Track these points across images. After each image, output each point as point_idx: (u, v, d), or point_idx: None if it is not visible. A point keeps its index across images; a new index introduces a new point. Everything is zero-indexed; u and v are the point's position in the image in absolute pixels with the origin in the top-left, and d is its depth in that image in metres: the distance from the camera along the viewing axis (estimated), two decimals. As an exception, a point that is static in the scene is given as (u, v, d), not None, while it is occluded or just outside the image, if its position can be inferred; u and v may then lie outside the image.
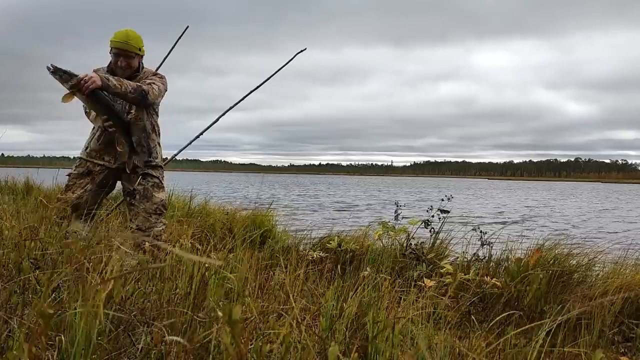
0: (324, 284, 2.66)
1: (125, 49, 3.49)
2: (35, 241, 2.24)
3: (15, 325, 1.49)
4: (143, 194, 3.60)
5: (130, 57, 3.52)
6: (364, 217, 14.42)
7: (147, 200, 3.59)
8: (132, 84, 3.40)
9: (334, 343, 1.29)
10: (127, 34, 3.50)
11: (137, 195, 3.61)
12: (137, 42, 3.54)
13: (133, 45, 3.51)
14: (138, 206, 3.59)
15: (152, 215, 3.58)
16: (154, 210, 3.59)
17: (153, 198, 3.60)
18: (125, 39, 3.49)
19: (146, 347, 1.59)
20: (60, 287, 1.81)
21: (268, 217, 6.64)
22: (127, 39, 3.49)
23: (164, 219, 3.68)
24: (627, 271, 4.33)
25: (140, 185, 3.60)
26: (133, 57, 3.54)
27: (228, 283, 2.11)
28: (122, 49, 3.49)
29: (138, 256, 2.66)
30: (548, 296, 4.02)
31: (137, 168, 3.61)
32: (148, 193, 3.60)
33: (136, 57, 3.56)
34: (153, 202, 3.60)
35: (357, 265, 4.69)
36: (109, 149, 3.62)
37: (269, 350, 1.55)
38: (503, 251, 4.74)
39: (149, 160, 3.66)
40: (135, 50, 3.52)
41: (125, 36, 3.49)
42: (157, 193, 3.63)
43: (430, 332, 2.17)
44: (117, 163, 3.62)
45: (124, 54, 3.50)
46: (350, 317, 2.04)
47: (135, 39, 3.53)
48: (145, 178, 3.62)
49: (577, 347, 2.77)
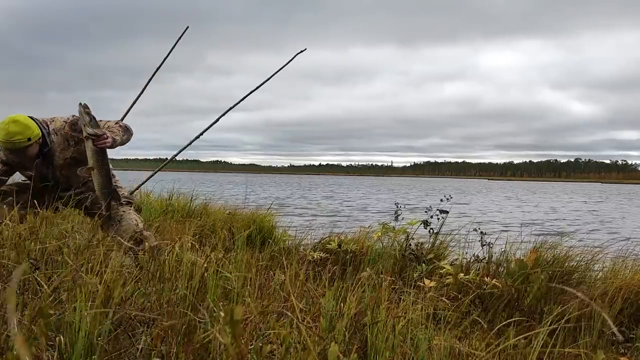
0: (324, 284, 2.66)
1: (13, 148, 3.23)
2: (35, 241, 2.24)
3: (15, 326, 1.50)
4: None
5: (23, 151, 3.26)
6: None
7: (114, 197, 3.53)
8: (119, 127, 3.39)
9: (334, 343, 1.29)
10: (7, 132, 3.17)
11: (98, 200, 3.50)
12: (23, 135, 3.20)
13: (19, 141, 3.20)
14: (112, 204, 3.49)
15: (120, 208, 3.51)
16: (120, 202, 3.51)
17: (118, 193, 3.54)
18: (8, 138, 3.18)
19: (146, 348, 1.59)
20: (60, 288, 1.81)
21: (268, 217, 6.64)
22: (9, 137, 3.18)
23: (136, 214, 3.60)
24: (627, 271, 4.33)
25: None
26: (26, 149, 3.26)
27: (228, 283, 2.11)
28: (11, 149, 3.24)
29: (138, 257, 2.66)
30: (548, 296, 4.02)
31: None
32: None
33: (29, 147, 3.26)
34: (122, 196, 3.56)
35: (357, 265, 4.69)
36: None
37: (269, 351, 1.55)
38: (503, 252, 4.74)
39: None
40: (23, 144, 3.21)
41: (6, 135, 3.17)
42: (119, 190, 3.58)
43: (430, 332, 2.17)
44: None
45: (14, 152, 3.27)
46: (350, 318, 2.04)
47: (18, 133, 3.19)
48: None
49: (577, 348, 2.77)
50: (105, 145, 3.20)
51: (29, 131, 3.24)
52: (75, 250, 2.17)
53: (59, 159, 3.45)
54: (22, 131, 3.20)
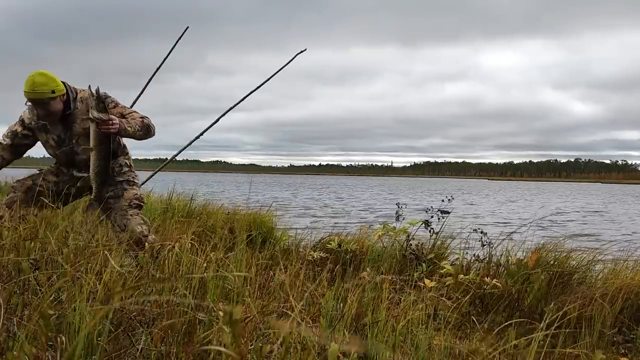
0: (324, 284, 2.66)
1: (34, 98, 3.28)
2: (35, 241, 2.24)
3: (15, 326, 1.49)
4: (114, 196, 3.56)
5: (45, 104, 3.31)
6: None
7: (119, 198, 3.55)
8: (138, 121, 3.37)
9: (334, 343, 1.29)
10: (32, 82, 3.25)
11: (111, 200, 3.56)
12: (47, 86, 3.26)
13: (42, 92, 3.25)
14: (114, 207, 3.55)
15: (127, 211, 3.52)
16: (128, 205, 3.53)
17: (125, 194, 3.56)
18: (32, 88, 3.25)
19: (146, 348, 1.59)
20: (59, 288, 1.81)
21: (268, 217, 6.64)
22: (33, 87, 3.24)
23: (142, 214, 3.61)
24: (627, 272, 4.33)
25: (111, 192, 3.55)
26: (48, 103, 3.31)
27: (228, 283, 2.11)
28: (33, 99, 3.30)
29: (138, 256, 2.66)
30: (548, 297, 4.02)
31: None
32: (120, 194, 3.56)
33: (52, 100, 3.31)
34: (126, 198, 3.55)
35: (357, 265, 4.69)
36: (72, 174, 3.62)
37: (269, 351, 1.55)
38: (503, 252, 4.73)
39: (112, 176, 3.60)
40: (46, 95, 3.27)
41: (31, 85, 3.25)
42: (128, 191, 3.58)
43: (430, 332, 2.17)
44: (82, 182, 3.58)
45: (36, 103, 3.33)
46: (350, 318, 2.04)
47: (42, 84, 3.25)
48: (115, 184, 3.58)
49: (577, 348, 2.77)
50: (109, 131, 3.19)
51: (54, 83, 3.31)
52: (75, 251, 2.17)
53: (79, 127, 3.46)
54: (47, 82, 3.27)
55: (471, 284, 4.00)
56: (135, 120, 3.38)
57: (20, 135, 3.56)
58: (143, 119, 3.44)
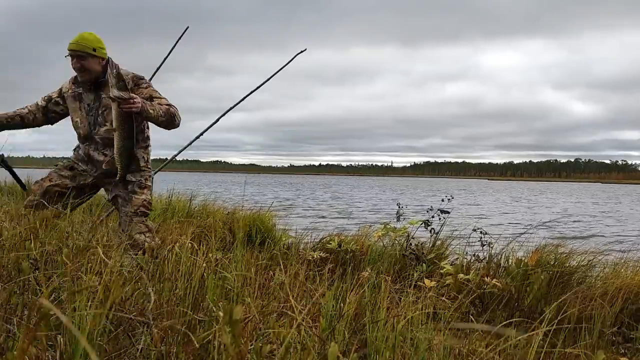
0: (324, 284, 2.66)
1: (76, 49, 3.37)
2: (35, 241, 2.24)
3: (15, 326, 1.49)
4: (124, 198, 3.58)
5: (83, 57, 3.39)
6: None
7: (128, 203, 3.57)
8: (163, 107, 3.37)
9: (334, 343, 1.29)
10: (80, 36, 3.39)
11: (120, 200, 3.60)
12: (91, 42, 3.39)
13: (84, 45, 3.37)
14: (121, 210, 3.60)
15: (133, 219, 3.54)
16: (134, 212, 3.54)
17: (133, 200, 3.56)
18: (77, 40, 3.37)
19: (146, 348, 1.59)
20: (59, 288, 1.81)
21: (268, 217, 6.64)
22: (79, 39, 3.37)
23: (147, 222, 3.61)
24: (627, 272, 4.33)
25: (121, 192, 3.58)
26: (85, 58, 3.40)
27: (227, 283, 2.11)
28: (74, 50, 3.38)
29: (138, 257, 2.66)
30: (548, 297, 4.02)
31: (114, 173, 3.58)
32: (128, 197, 3.57)
33: (91, 57, 3.41)
34: (134, 204, 3.55)
35: (357, 265, 4.69)
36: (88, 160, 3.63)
37: (269, 351, 1.55)
38: (503, 252, 4.73)
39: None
40: (87, 50, 3.37)
41: (77, 37, 3.38)
42: (138, 195, 3.57)
43: (430, 332, 2.17)
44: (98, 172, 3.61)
45: (76, 55, 3.40)
46: (349, 318, 2.04)
47: (87, 39, 3.39)
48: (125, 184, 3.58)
49: (577, 348, 2.77)
50: (131, 110, 3.18)
51: (99, 44, 3.43)
52: (75, 251, 2.17)
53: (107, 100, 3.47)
54: (92, 39, 3.41)
55: (471, 284, 4.00)
56: (160, 106, 3.37)
57: (54, 102, 3.66)
58: (169, 106, 3.43)
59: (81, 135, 3.62)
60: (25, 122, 3.65)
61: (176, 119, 3.48)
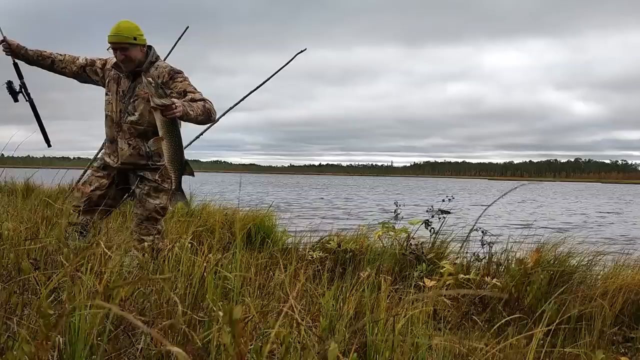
0: (324, 284, 2.66)
1: (117, 42, 3.39)
2: (35, 241, 2.24)
3: (15, 326, 1.49)
4: (138, 199, 3.58)
5: (125, 49, 3.41)
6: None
7: (141, 205, 3.56)
8: (200, 106, 3.32)
9: (334, 343, 1.29)
10: (118, 26, 3.40)
11: (134, 199, 3.61)
12: (130, 32, 3.40)
13: (124, 36, 3.38)
14: (134, 210, 3.61)
15: (143, 222, 3.54)
16: (145, 217, 3.54)
17: (146, 204, 3.55)
18: (116, 32, 3.39)
19: (146, 348, 1.59)
20: (59, 288, 1.81)
21: (268, 217, 6.63)
22: (118, 30, 3.39)
23: (158, 225, 3.60)
24: (627, 271, 4.33)
25: (137, 189, 3.57)
26: (128, 48, 3.41)
27: (227, 283, 2.11)
28: (114, 42, 3.40)
29: (138, 257, 2.66)
30: (549, 296, 4.02)
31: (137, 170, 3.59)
32: (142, 199, 3.56)
33: (132, 47, 3.42)
34: (146, 209, 3.54)
35: (357, 265, 4.69)
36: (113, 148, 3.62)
37: (269, 351, 1.55)
38: (503, 251, 4.73)
39: (146, 164, 3.58)
40: (127, 40, 3.39)
41: (116, 29, 3.40)
42: (153, 199, 3.55)
43: (430, 332, 2.17)
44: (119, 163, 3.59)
45: (118, 47, 3.41)
46: (349, 317, 2.04)
47: (126, 29, 3.40)
48: (142, 182, 3.57)
49: (577, 348, 2.77)
50: (175, 115, 3.14)
51: (138, 32, 3.43)
52: (75, 250, 2.17)
53: (142, 90, 3.45)
54: (130, 29, 3.41)
55: (471, 284, 4.00)
56: (197, 104, 3.33)
57: (94, 70, 3.68)
58: (205, 102, 3.38)
59: (112, 119, 3.60)
60: (55, 67, 3.66)
61: (212, 114, 3.43)
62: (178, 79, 3.48)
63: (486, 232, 5.05)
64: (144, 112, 3.48)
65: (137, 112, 3.51)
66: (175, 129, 3.22)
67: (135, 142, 3.54)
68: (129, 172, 3.62)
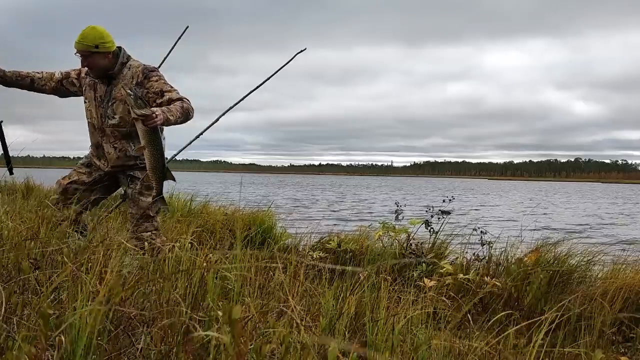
0: (324, 284, 2.66)
1: (79, 49, 3.36)
2: (35, 241, 2.24)
3: (15, 326, 1.50)
4: (131, 199, 3.60)
5: (87, 56, 3.37)
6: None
7: (134, 205, 3.59)
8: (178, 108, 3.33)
9: (334, 342, 1.29)
10: (82, 33, 3.35)
11: (127, 199, 3.64)
12: (93, 39, 3.34)
13: (86, 43, 3.33)
14: (129, 211, 3.63)
15: (139, 221, 3.57)
16: (140, 215, 3.57)
17: (140, 202, 3.57)
18: (79, 38, 3.34)
19: (146, 347, 1.59)
20: (59, 288, 1.81)
21: (269, 216, 6.64)
22: (81, 37, 3.34)
23: (154, 222, 3.63)
24: (627, 271, 4.33)
25: (129, 189, 3.60)
26: (89, 56, 3.36)
27: (227, 283, 2.11)
28: (78, 50, 3.37)
29: (138, 257, 2.66)
30: (548, 296, 4.02)
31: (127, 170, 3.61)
32: (135, 198, 3.59)
33: (94, 54, 3.37)
34: (140, 207, 3.57)
35: (357, 265, 4.69)
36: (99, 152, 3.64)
37: (269, 350, 1.55)
38: (503, 251, 4.73)
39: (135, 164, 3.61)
40: (89, 47, 3.33)
41: (80, 35, 3.35)
42: (145, 197, 3.58)
43: (430, 332, 2.17)
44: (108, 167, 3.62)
45: (81, 54, 3.39)
46: (349, 317, 2.04)
47: (89, 36, 3.34)
48: (133, 181, 3.60)
49: (577, 347, 2.77)
50: (156, 124, 3.16)
51: (100, 39, 3.36)
52: (75, 250, 2.17)
53: (118, 92, 3.48)
54: (93, 36, 3.35)
55: (471, 284, 4.00)
56: (175, 106, 3.34)
57: (71, 81, 3.67)
58: (182, 102, 3.40)
59: (94, 125, 3.62)
60: (35, 86, 3.65)
61: (190, 114, 3.45)
62: (153, 77, 3.47)
63: (486, 232, 5.06)
64: (124, 114, 3.48)
65: (117, 114, 3.52)
66: (156, 137, 3.26)
67: (121, 145, 3.56)
68: (118, 174, 3.65)
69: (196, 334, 1.47)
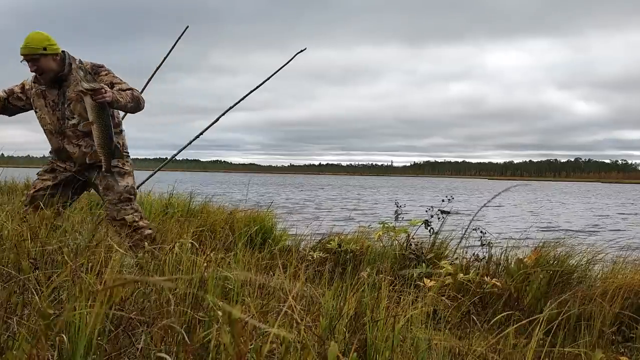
0: (324, 284, 2.66)
1: (27, 53, 3.40)
2: (35, 241, 2.24)
3: (15, 326, 1.50)
4: (105, 187, 3.64)
5: (36, 60, 3.41)
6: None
7: (110, 191, 3.63)
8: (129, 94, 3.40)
9: (334, 342, 1.29)
10: (27, 38, 3.40)
11: (101, 188, 3.66)
12: (40, 42, 3.39)
13: (33, 47, 3.37)
14: (105, 199, 3.66)
15: (118, 204, 3.60)
16: (118, 199, 3.61)
17: (115, 187, 3.62)
18: (25, 43, 3.39)
19: (146, 347, 1.59)
20: (59, 288, 1.81)
21: (269, 216, 6.63)
22: (27, 42, 3.39)
23: (133, 204, 3.67)
24: (627, 271, 4.33)
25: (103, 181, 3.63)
26: (38, 59, 3.41)
27: (227, 283, 2.11)
28: (25, 54, 3.41)
29: (138, 256, 2.66)
30: (548, 296, 4.02)
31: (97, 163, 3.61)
32: (109, 184, 3.63)
33: (43, 57, 3.42)
34: (116, 192, 3.62)
35: (357, 265, 4.69)
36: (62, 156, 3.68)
37: (269, 351, 1.55)
38: (503, 251, 4.73)
39: None
40: (37, 50, 3.38)
41: (25, 40, 3.39)
42: (119, 182, 3.63)
43: (430, 332, 2.17)
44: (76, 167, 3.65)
45: (29, 59, 3.42)
46: (349, 317, 2.04)
47: (36, 40, 3.39)
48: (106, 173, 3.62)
49: (577, 347, 2.77)
50: (104, 100, 3.20)
51: (47, 42, 3.42)
52: (75, 250, 2.17)
53: (72, 91, 3.52)
54: (40, 40, 3.40)
55: (471, 283, 4.00)
56: (125, 92, 3.42)
57: (16, 97, 3.69)
58: (132, 91, 3.48)
59: (52, 131, 3.65)
60: None
61: (142, 104, 3.54)
62: (102, 72, 3.54)
63: (486, 232, 5.06)
64: (82, 112, 3.51)
65: (76, 114, 3.56)
66: (104, 114, 3.30)
67: (85, 142, 3.60)
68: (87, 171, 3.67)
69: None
